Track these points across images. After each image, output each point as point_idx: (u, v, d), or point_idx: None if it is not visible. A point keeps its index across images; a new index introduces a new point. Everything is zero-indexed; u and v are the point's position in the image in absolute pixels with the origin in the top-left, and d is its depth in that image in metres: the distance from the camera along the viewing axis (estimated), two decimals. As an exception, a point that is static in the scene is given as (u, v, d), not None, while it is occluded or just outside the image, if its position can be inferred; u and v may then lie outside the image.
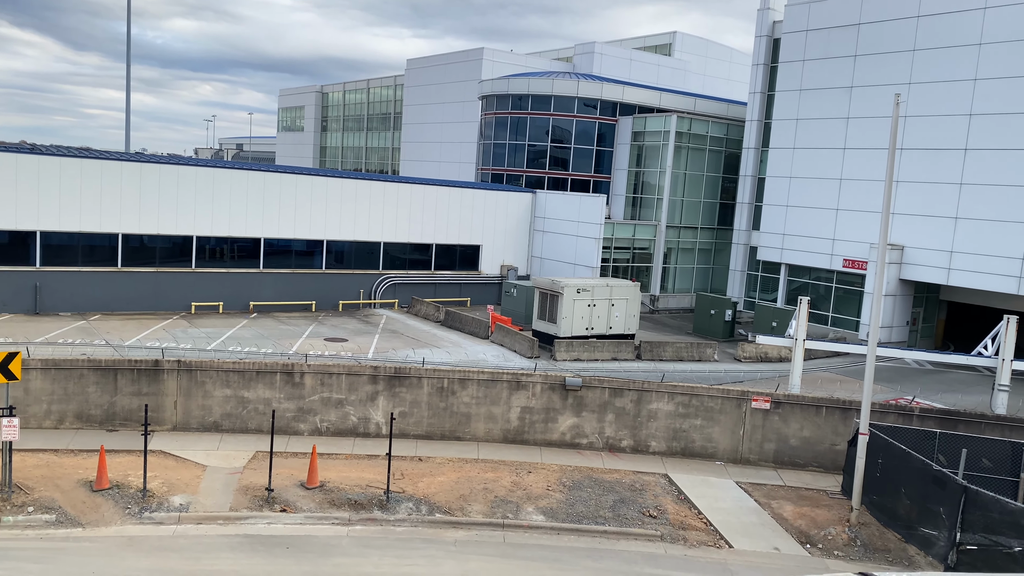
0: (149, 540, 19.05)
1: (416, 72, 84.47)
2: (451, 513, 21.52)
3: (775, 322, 44.25)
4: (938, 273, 43.77)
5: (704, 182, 58.72)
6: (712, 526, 22.09)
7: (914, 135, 44.13)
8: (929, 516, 20.89)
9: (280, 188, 47.27)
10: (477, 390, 27.19)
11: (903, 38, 45.00)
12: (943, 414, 27.19)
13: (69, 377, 25.49)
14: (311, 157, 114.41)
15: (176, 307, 44.04)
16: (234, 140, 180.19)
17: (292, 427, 26.59)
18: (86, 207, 41.76)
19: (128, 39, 64.12)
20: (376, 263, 50.82)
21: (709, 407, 27.42)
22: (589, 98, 60.61)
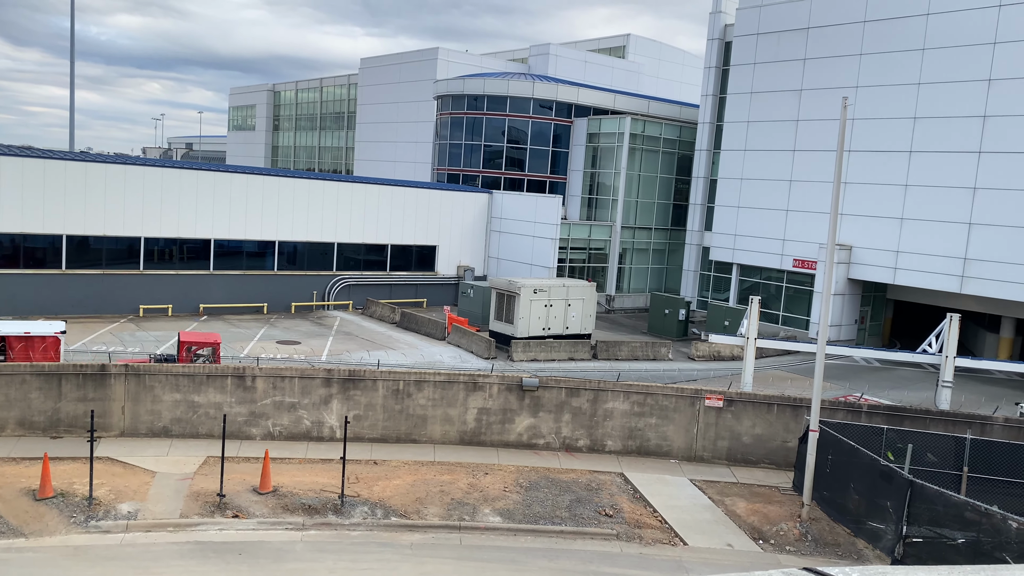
0: (95, 549, 18.54)
1: (370, 71, 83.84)
2: (407, 516, 21.36)
3: (727, 321, 44.87)
4: (885, 272, 44.84)
5: (658, 183, 59.31)
6: (667, 524, 22.29)
7: (862, 137, 45.14)
8: (877, 510, 21.36)
9: (231, 188, 46.47)
10: (433, 392, 27.05)
11: (851, 43, 46.00)
12: (890, 410, 27.82)
13: (10, 383, 24.70)
14: (263, 156, 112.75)
15: (124, 310, 43.01)
16: (184, 139, 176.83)
17: (244, 432, 26.13)
18: (28, 208, 40.53)
19: (72, 34, 62.47)
20: (330, 264, 50.26)
21: (664, 406, 27.67)
22: (545, 99, 60.78)
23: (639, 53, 79.90)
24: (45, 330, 27.70)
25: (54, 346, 27.46)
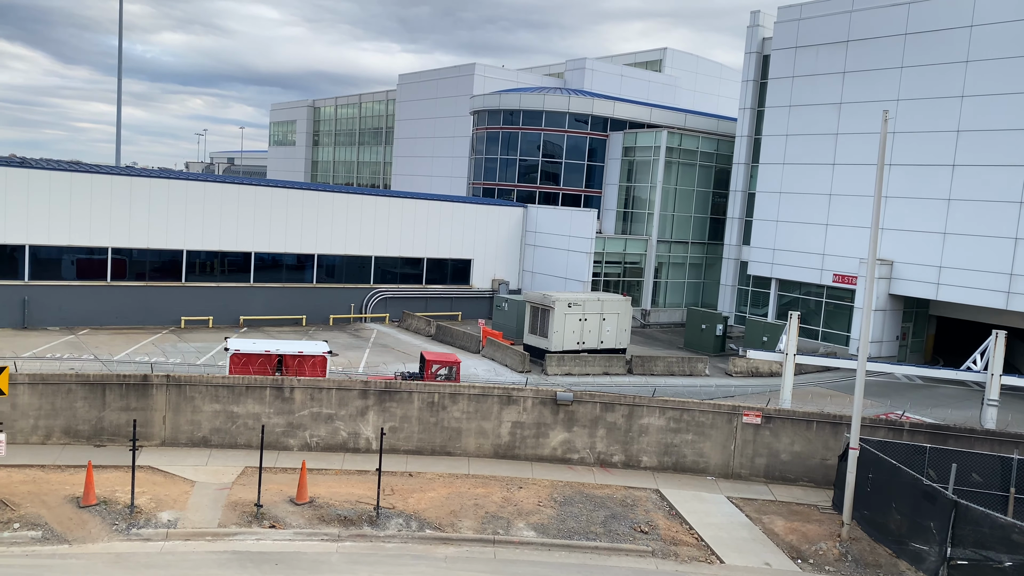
0: (136, 557, 18.86)
1: (408, 87, 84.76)
2: (441, 529, 21.40)
3: (766, 337, 44.36)
4: (927, 288, 44.01)
5: (694, 197, 58.99)
6: (703, 541, 22.03)
7: (903, 151, 44.49)
8: (920, 531, 20.90)
9: (271, 202, 47.24)
10: (468, 405, 27.11)
11: (891, 55, 45.45)
12: (933, 429, 27.25)
13: (57, 392, 25.30)
14: (303, 171, 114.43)
15: (166, 321, 43.85)
16: (225, 154, 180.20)
17: (282, 442, 26.43)
18: (75, 221, 41.61)
19: (119, 52, 64.15)
20: (367, 277, 50.76)
21: (700, 422, 27.40)
22: (580, 113, 60.90)
23: (675, 67, 79.75)
24: (314, 350, 30.23)
25: (322, 364, 29.96)
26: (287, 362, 29.61)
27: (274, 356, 29.55)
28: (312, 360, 29.82)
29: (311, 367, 29.60)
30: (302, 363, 29.64)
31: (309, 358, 29.83)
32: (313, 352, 30.08)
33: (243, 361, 28.96)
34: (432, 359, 31.84)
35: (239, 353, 29.13)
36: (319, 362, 29.93)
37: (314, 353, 30.03)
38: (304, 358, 29.77)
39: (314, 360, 29.85)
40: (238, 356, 29.07)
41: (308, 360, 29.77)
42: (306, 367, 29.54)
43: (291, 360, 29.62)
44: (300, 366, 29.54)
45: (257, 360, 29.16)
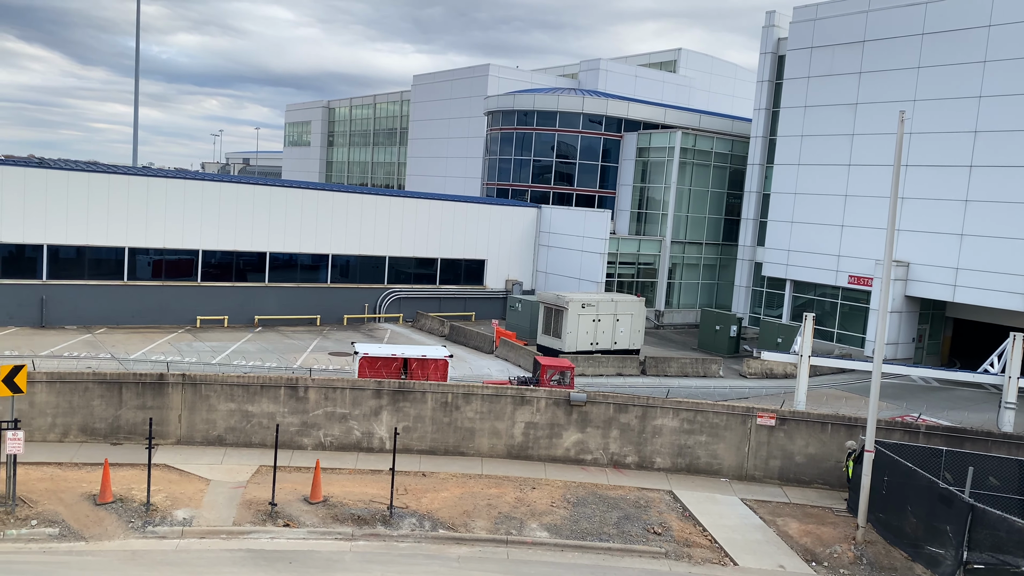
0: (152, 554, 19.01)
1: (422, 88, 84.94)
2: (455, 529, 21.44)
3: (780, 338, 44.16)
4: (944, 290, 43.68)
5: (709, 198, 58.80)
6: (717, 543, 21.97)
7: (919, 152, 44.18)
8: (936, 534, 20.74)
9: (286, 202, 47.47)
10: (481, 405, 27.15)
11: (908, 55, 45.14)
12: (949, 431, 27.04)
13: (74, 390, 25.53)
14: (317, 172, 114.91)
15: (181, 321, 44.15)
16: (241, 154, 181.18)
17: (296, 441, 26.56)
18: (93, 221, 41.98)
19: (137, 54, 64.68)
20: (381, 277, 50.92)
21: (714, 423, 27.32)
22: (594, 114, 60.84)
23: (690, 67, 79.53)
24: (437, 354, 31.45)
25: (443, 368, 31.10)
26: (411, 365, 30.81)
27: (399, 359, 30.84)
28: (435, 363, 30.97)
29: (433, 370, 30.73)
30: (425, 366, 30.79)
31: (431, 361, 30.98)
32: (435, 356, 31.24)
33: (371, 364, 30.35)
34: (547, 364, 32.33)
35: (368, 356, 30.54)
36: (441, 365, 31.04)
37: (436, 357, 31.20)
38: (427, 361, 30.91)
39: (436, 363, 31.00)
40: (367, 359, 30.48)
41: (431, 363, 30.92)
42: (429, 370, 30.68)
43: (415, 363, 30.81)
44: (423, 369, 30.68)
45: (384, 363, 30.50)
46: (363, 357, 30.53)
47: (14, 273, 40.71)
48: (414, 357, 30.94)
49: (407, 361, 30.84)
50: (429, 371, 30.68)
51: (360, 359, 30.48)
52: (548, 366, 32.17)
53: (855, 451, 25.16)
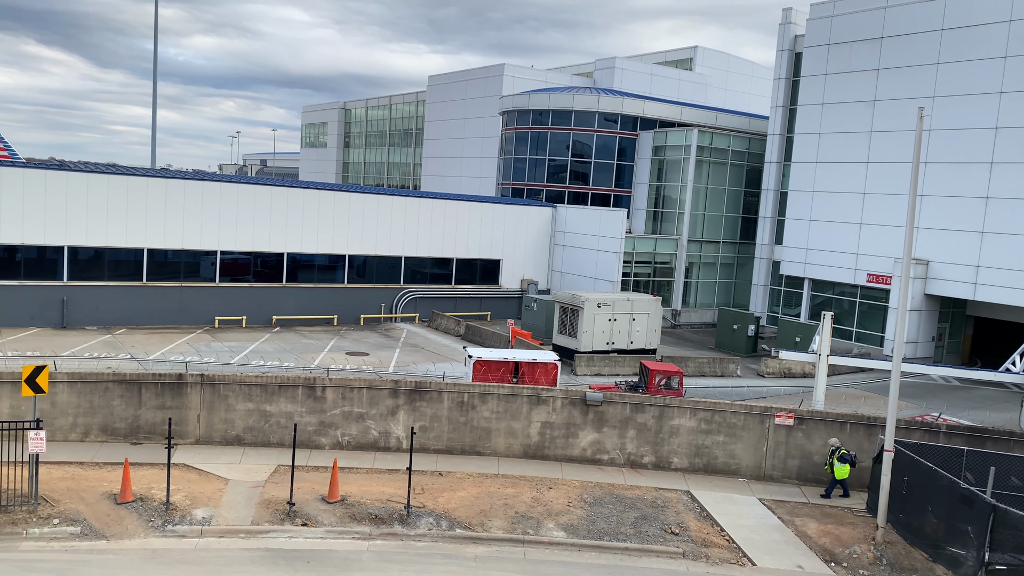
0: (172, 553, 19.16)
1: (438, 88, 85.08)
2: (471, 528, 21.46)
3: (798, 337, 43.88)
4: (964, 288, 43.23)
5: (726, 196, 58.52)
6: (735, 543, 21.86)
7: (939, 149, 43.76)
8: (957, 535, 20.54)
9: (303, 203, 47.71)
10: (497, 405, 27.16)
11: (927, 52, 44.72)
12: (971, 431, 26.77)
13: (95, 390, 25.78)
14: (334, 173, 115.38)
15: (200, 321, 44.48)
16: (258, 156, 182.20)
17: (314, 441, 26.69)
18: (112, 222, 42.37)
19: (155, 57, 65.19)
20: (397, 277, 51.06)
21: (732, 423, 27.18)
22: (610, 113, 60.70)
23: (706, 65, 79.18)
24: (546, 358, 32.39)
25: (553, 371, 31.74)
26: (522, 368, 31.51)
27: (511, 363, 31.64)
28: (544, 367, 31.62)
29: (543, 373, 31.40)
30: (535, 369, 31.45)
31: (541, 365, 31.67)
32: (545, 360, 32.00)
33: (484, 367, 31.24)
34: (655, 369, 32.27)
35: (481, 360, 31.49)
36: (550, 368, 31.66)
37: (546, 361, 31.97)
38: (536, 365, 31.61)
39: (546, 366, 31.66)
40: (480, 363, 31.41)
41: (540, 367, 31.59)
42: (538, 373, 31.37)
43: (526, 366, 31.56)
44: (533, 372, 31.37)
45: (497, 367, 31.39)
46: (477, 361, 31.40)
47: (36, 275, 41.16)
48: (525, 361, 31.70)
49: (518, 364, 31.53)
50: (539, 374, 31.31)
51: (474, 363, 31.38)
52: (656, 371, 32.11)
53: (838, 448, 25.35)
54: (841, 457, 25.15)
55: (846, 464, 25.09)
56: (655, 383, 31.82)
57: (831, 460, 25.31)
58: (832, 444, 25.56)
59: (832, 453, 25.34)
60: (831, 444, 25.64)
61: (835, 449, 25.34)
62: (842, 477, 25.28)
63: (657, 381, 31.90)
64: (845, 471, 25.15)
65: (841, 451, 25.26)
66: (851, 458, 25.22)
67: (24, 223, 40.38)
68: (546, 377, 31.41)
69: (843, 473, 25.21)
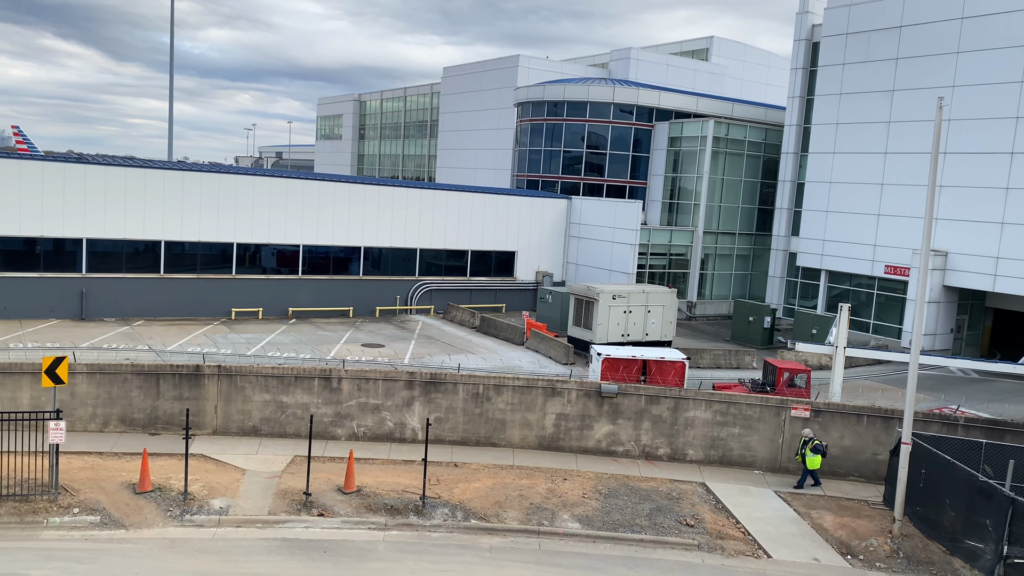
0: (190, 542, 19.35)
1: (452, 80, 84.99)
2: (486, 519, 21.53)
3: (815, 329, 43.62)
4: (984, 279, 42.80)
5: (742, 187, 58.17)
6: (750, 535, 21.82)
7: (958, 139, 43.27)
8: (975, 528, 20.40)
9: (319, 195, 47.85)
10: (512, 396, 27.20)
11: (947, 40, 44.17)
12: (989, 424, 26.54)
13: (113, 381, 26.04)
14: (349, 165, 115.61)
15: (217, 313, 44.76)
16: (273, 148, 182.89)
17: (330, 432, 26.84)
18: (130, 215, 42.67)
19: (171, 50, 65.51)
20: (412, 269, 51.15)
21: (747, 415, 27.10)
22: (625, 104, 60.42)
23: (722, 55, 78.60)
24: (674, 356, 32.28)
25: (681, 370, 31.54)
26: (650, 366, 31.41)
27: (639, 360, 31.59)
28: (672, 365, 31.47)
29: (671, 372, 31.25)
30: (663, 368, 31.32)
31: (669, 363, 31.50)
32: (673, 358, 31.88)
33: (613, 365, 31.20)
34: (783, 367, 31.84)
35: (610, 358, 31.47)
36: (679, 367, 31.46)
37: (674, 359, 31.84)
38: (665, 363, 31.46)
39: (674, 365, 31.49)
40: (609, 360, 31.37)
41: (668, 365, 31.43)
42: (667, 372, 31.23)
43: (654, 364, 31.45)
44: (661, 370, 31.25)
45: (625, 364, 31.31)
46: (605, 358, 31.37)
47: (55, 267, 41.55)
48: (653, 359, 31.59)
49: (646, 363, 31.43)
50: (667, 373, 31.13)
51: (602, 360, 31.34)
52: (784, 369, 31.66)
53: (811, 439, 25.27)
54: (815, 448, 25.10)
55: (818, 455, 25.12)
56: (782, 381, 31.17)
57: (803, 451, 25.23)
58: (805, 435, 25.48)
59: (805, 444, 25.24)
60: (804, 435, 25.53)
61: (808, 439, 25.28)
62: (814, 468, 25.31)
63: (784, 379, 31.25)
64: (817, 462, 25.18)
65: (814, 442, 25.25)
66: (823, 448, 25.30)
67: (43, 216, 40.75)
68: (675, 375, 31.14)
69: (815, 464, 25.21)
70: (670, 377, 31.03)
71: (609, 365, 31.21)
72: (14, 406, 25.06)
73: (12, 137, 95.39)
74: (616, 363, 31.25)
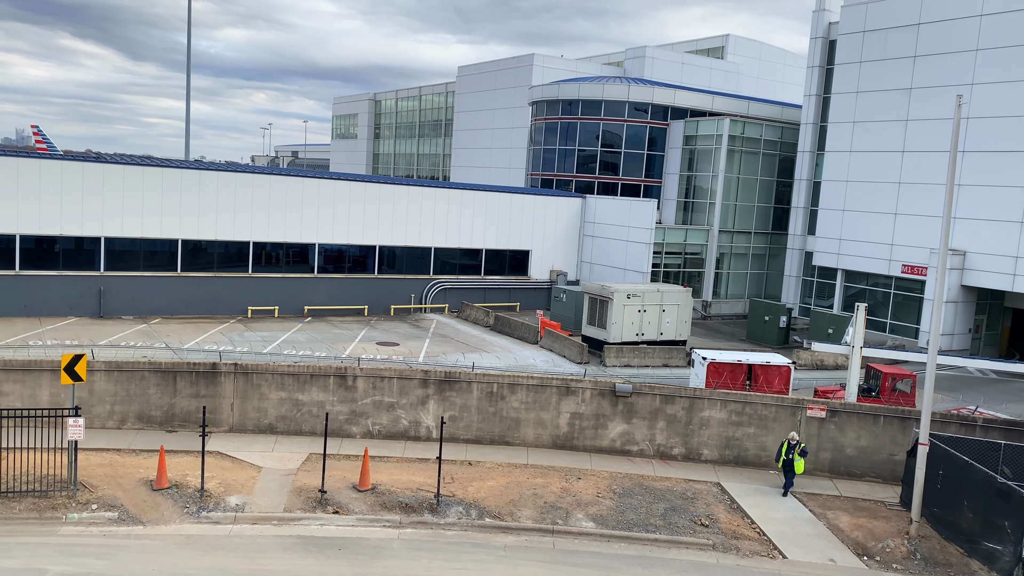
0: (206, 539, 19.50)
1: (467, 79, 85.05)
2: (501, 518, 21.56)
3: (831, 329, 43.36)
4: (1002, 279, 42.39)
5: (758, 186, 57.88)
6: (765, 536, 21.73)
7: (977, 137, 42.86)
8: (993, 530, 20.23)
9: (334, 194, 48.03)
10: (526, 395, 27.21)
11: (965, 38, 43.76)
12: (1008, 425, 26.30)
13: (131, 379, 26.26)
14: (364, 164, 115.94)
15: (233, 311, 45.03)
16: (289, 147, 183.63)
17: (345, 430, 26.95)
18: (147, 214, 43.01)
19: (188, 50, 65.91)
20: (427, 268, 51.26)
21: (763, 415, 26.98)
22: (640, 102, 60.26)
23: (738, 53, 78.22)
24: (779, 361, 32.09)
25: (786, 375, 31.41)
26: (756, 371, 31.21)
27: (745, 366, 31.35)
28: (779, 369, 31.30)
29: (777, 377, 31.10)
30: (769, 373, 31.19)
31: (775, 368, 31.33)
32: (778, 363, 31.68)
33: (718, 370, 31.04)
34: (888, 371, 31.41)
35: (715, 363, 31.25)
36: (784, 372, 31.26)
37: (779, 364, 31.63)
38: (771, 368, 31.31)
39: (780, 370, 31.29)
40: (715, 365, 31.16)
41: (775, 369, 31.26)
42: (773, 377, 31.10)
43: (760, 369, 31.26)
44: (767, 375, 31.14)
45: (731, 369, 31.16)
46: (710, 363, 31.16)
47: (74, 265, 41.94)
48: (759, 364, 31.40)
49: (751, 367, 31.23)
50: (773, 378, 30.99)
51: (708, 365, 31.15)
52: (890, 374, 31.35)
53: (798, 443, 24.64)
54: (803, 452, 24.57)
55: (802, 459, 24.59)
56: (887, 385, 30.71)
57: (791, 455, 24.42)
58: (792, 438, 24.77)
59: (792, 448, 24.50)
60: (791, 438, 24.79)
61: (796, 443, 24.61)
62: (800, 472, 24.68)
63: (890, 384, 30.83)
64: (803, 466, 24.66)
65: (801, 445, 24.70)
66: (806, 452, 24.93)
67: (63, 215, 41.14)
68: (781, 380, 30.93)
69: (802, 468, 24.63)
70: (776, 382, 30.74)
71: (714, 370, 30.96)
72: (34, 403, 25.34)
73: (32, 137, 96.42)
74: (721, 368, 31.04)
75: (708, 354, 31.92)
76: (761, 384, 30.76)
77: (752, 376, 31.01)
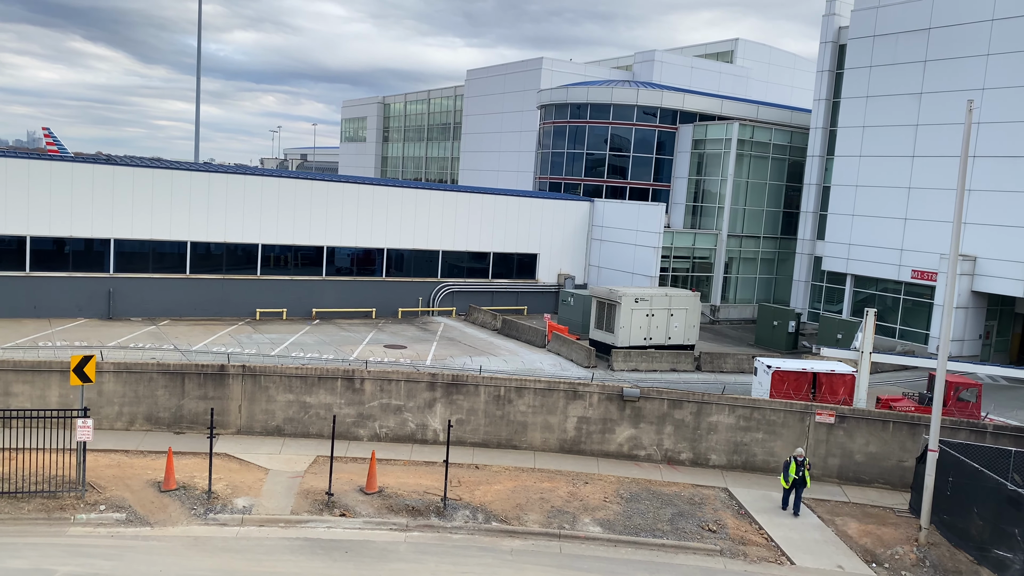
0: (213, 541, 19.52)
1: (475, 82, 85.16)
2: (507, 522, 21.52)
3: (840, 334, 43.18)
4: (1013, 285, 42.14)
5: (767, 190, 57.74)
6: (773, 542, 21.63)
7: (988, 142, 42.66)
8: (1003, 537, 20.08)
9: (343, 197, 48.13)
10: (533, 399, 27.18)
11: (977, 43, 43.58)
12: (1019, 432, 26.12)
13: (139, 380, 26.35)
14: (373, 167, 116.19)
15: (241, 313, 45.15)
16: (298, 150, 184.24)
17: (352, 432, 26.97)
18: (157, 216, 43.18)
19: (199, 52, 66.22)
20: (435, 271, 51.30)
21: (771, 420, 26.87)
22: (649, 106, 60.22)
23: (747, 57, 78.10)
24: (843, 369, 31.79)
25: (850, 383, 31.05)
26: (821, 379, 31.10)
27: (809, 374, 31.28)
28: (843, 378, 31.06)
29: (841, 386, 30.88)
30: (833, 381, 31.02)
31: (839, 377, 31.12)
32: (842, 371, 31.41)
33: (783, 379, 30.95)
34: (953, 381, 30.38)
35: (780, 371, 31.16)
36: (848, 380, 31.02)
37: (843, 372, 31.36)
38: (835, 377, 31.13)
39: (844, 378, 31.05)
40: (779, 373, 31.09)
41: (838, 379, 31.07)
42: (837, 385, 30.91)
43: (824, 377, 31.13)
44: (831, 384, 30.98)
45: (795, 377, 31.05)
46: (775, 372, 31.14)
47: (83, 267, 42.12)
48: (823, 372, 31.29)
49: (816, 376, 31.14)
50: (838, 387, 30.85)
51: (773, 373, 31.12)
52: (954, 383, 30.27)
53: (805, 458, 23.47)
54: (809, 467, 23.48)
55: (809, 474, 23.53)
56: (952, 394, 29.91)
57: (800, 473, 23.14)
58: (798, 455, 23.44)
59: (801, 465, 23.21)
60: (797, 455, 23.45)
61: (803, 459, 23.34)
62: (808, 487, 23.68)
63: (955, 393, 30.17)
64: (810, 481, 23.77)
65: (807, 461, 23.64)
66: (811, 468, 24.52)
67: (73, 217, 41.34)
68: (845, 389, 30.76)
69: (809, 483, 23.57)
70: (840, 391, 30.55)
71: (779, 379, 30.82)
72: (43, 404, 25.45)
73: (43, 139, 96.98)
74: (785, 376, 30.89)
75: (772, 362, 31.74)
76: (824, 393, 30.53)
77: (816, 384, 30.83)
